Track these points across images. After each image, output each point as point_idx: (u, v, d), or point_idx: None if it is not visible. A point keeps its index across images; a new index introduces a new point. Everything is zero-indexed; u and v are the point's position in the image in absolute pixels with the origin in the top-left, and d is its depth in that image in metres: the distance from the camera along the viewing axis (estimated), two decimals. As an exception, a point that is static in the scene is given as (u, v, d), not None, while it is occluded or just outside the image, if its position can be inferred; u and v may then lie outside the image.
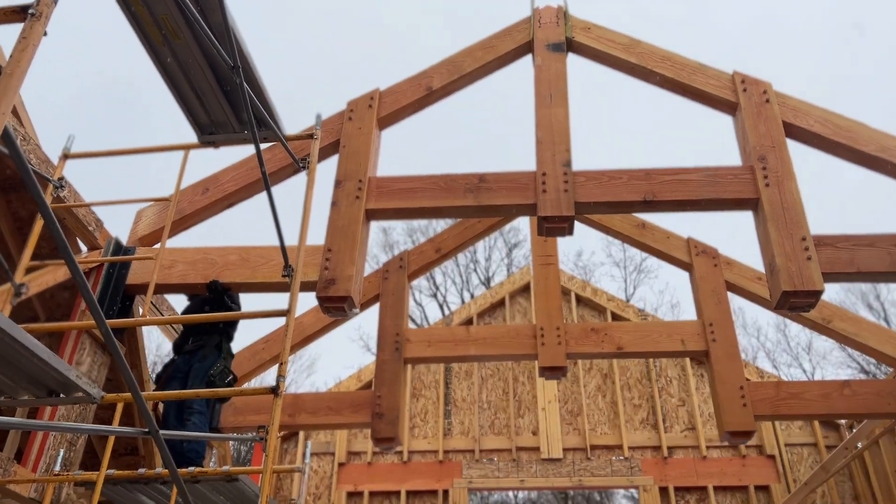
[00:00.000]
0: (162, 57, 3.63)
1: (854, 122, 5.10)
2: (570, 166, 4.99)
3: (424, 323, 25.96)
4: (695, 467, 8.59)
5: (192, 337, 5.25)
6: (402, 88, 5.50)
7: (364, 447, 8.97)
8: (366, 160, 5.03)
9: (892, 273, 4.66)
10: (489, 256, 27.92)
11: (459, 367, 9.73)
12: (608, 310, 9.83)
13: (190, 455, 4.80)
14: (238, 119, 4.08)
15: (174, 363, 5.19)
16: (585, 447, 8.86)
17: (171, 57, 3.58)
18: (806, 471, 8.43)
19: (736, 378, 5.80)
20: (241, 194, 5.22)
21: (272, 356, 6.51)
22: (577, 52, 5.66)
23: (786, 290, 4.37)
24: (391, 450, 6.51)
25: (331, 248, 4.63)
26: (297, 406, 6.30)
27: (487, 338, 6.37)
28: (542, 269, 6.84)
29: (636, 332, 6.31)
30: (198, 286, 5.05)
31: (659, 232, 6.96)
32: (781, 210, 4.63)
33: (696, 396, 9.11)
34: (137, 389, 2.19)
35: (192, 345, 5.19)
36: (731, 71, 5.36)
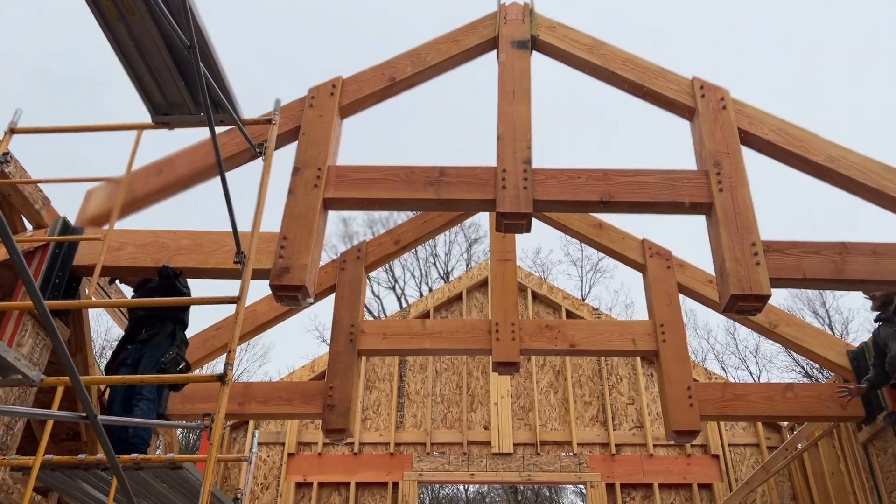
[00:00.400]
0: (117, 34, 3.53)
1: (806, 131, 5.24)
2: (530, 163, 5.01)
3: (382, 315, 25.88)
4: (641, 465, 8.74)
5: (145, 326, 5.11)
6: (365, 77, 5.46)
7: (315, 438, 8.91)
8: (325, 148, 4.98)
9: (835, 280, 4.81)
10: (449, 251, 27.95)
11: (414, 360, 9.72)
12: (563, 307, 9.93)
13: (135, 442, 4.70)
14: (195, 101, 3.99)
15: (126, 350, 5.06)
16: (536, 443, 8.95)
17: (127, 34, 3.48)
18: (748, 470, 8.65)
19: (684, 378, 5.92)
20: (196, 178, 5.11)
21: (223, 344, 6.41)
22: (542, 51, 5.69)
23: (734, 293, 4.47)
24: (342, 441, 6.47)
25: (286, 236, 4.57)
26: (248, 395, 6.23)
27: (443, 332, 6.39)
28: (500, 265, 6.88)
29: (589, 330, 6.40)
30: (148, 270, 4.94)
31: (615, 232, 7.06)
32: (733, 215, 4.73)
33: (646, 395, 9.27)
34: (75, 372, 2.13)
35: (145, 334, 5.06)
36: (691, 76, 5.45)
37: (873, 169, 5.14)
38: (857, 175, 5.09)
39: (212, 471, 3.06)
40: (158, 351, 4.94)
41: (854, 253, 4.84)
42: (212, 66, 3.59)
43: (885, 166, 5.16)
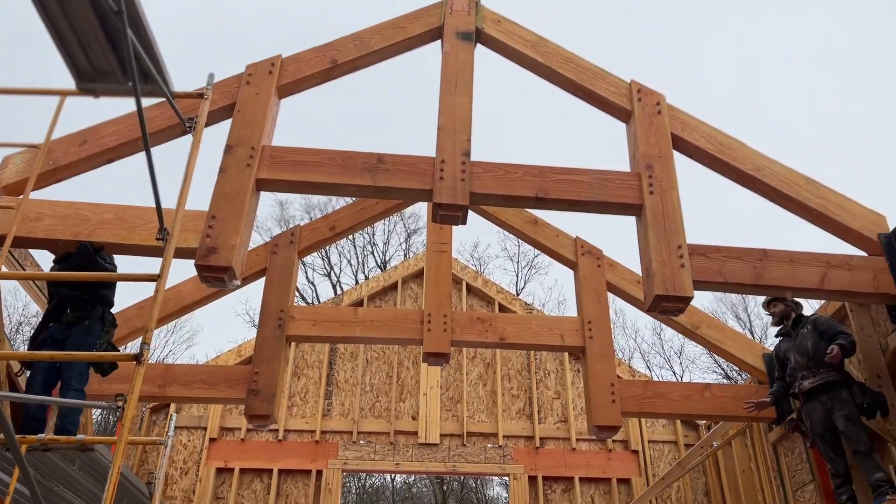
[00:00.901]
0: (40, -8, 3.34)
1: (735, 140, 5.41)
2: (468, 156, 5.02)
3: (315, 301, 25.59)
4: (564, 458, 8.92)
5: (70, 306, 4.82)
6: (306, 58, 5.35)
7: (238, 423, 8.74)
8: (261, 127, 4.86)
9: (755, 285, 4.99)
10: (388, 240, 27.83)
11: (345, 348, 9.65)
12: (497, 301, 10.01)
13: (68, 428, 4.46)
14: (123, 69, 3.82)
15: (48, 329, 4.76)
16: (462, 434, 9.01)
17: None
18: (665, 466, 8.93)
19: (608, 375, 6.05)
20: (122, 150, 4.92)
21: (144, 323, 6.19)
22: (486, 44, 5.70)
23: (658, 293, 4.58)
24: (265, 427, 6.35)
25: (215, 216, 4.45)
26: (169, 377, 6.06)
27: (375, 320, 6.34)
28: (436, 255, 6.88)
29: (519, 324, 6.46)
30: (67, 243, 4.72)
31: (550, 229, 7.15)
32: (662, 218, 4.85)
33: (571, 390, 9.45)
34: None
35: (71, 315, 4.76)
36: (629, 80, 5.55)
37: (796, 180, 5.35)
38: (781, 185, 5.30)
39: (122, 453, 2.95)
40: (89, 336, 4.68)
41: (773, 260, 5.03)
42: (142, 34, 3.44)
43: (807, 178, 5.38)
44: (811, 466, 6.17)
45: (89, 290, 4.81)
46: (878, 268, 5.13)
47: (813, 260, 5.09)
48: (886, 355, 5.38)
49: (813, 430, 5.42)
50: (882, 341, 5.46)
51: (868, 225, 5.29)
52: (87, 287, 4.77)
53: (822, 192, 5.34)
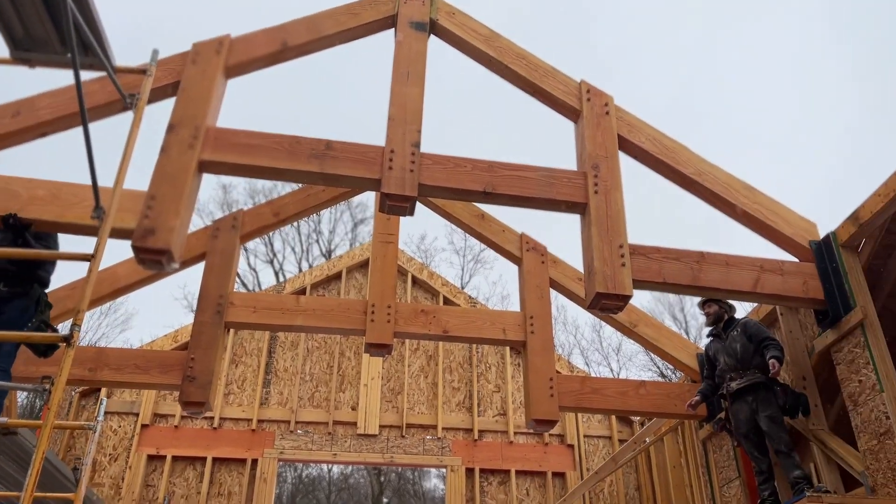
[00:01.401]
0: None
1: (678, 143, 5.54)
2: (418, 147, 5.00)
3: (257, 289, 25.15)
4: (501, 451, 9.02)
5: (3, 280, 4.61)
6: (255, 38, 5.23)
7: (172, 410, 8.54)
8: (205, 108, 4.73)
9: (692, 286, 5.13)
10: (333, 229, 27.54)
11: (286, 336, 9.53)
12: (441, 294, 10.04)
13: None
14: (61, 40, 3.67)
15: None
16: (402, 425, 9.02)
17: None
18: (599, 461, 9.13)
19: (547, 370, 6.13)
20: (58, 124, 4.72)
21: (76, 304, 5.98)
22: (439, 35, 5.68)
23: (599, 291, 4.67)
24: (200, 415, 6.23)
25: (154, 196, 4.31)
26: (101, 361, 5.87)
27: (317, 309, 6.27)
28: (382, 246, 6.84)
29: (463, 317, 6.49)
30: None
31: (496, 224, 7.19)
32: (605, 217, 4.93)
33: (511, 384, 9.55)
34: None
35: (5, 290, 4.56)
36: (580, 80, 5.62)
37: (735, 186, 5.52)
38: (721, 190, 5.46)
39: (47, 438, 2.85)
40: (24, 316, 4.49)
41: (710, 262, 5.18)
42: (83, 3, 3.31)
43: (746, 185, 5.55)
44: (737, 463, 6.40)
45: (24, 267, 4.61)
46: (808, 273, 5.34)
47: (747, 264, 5.26)
48: (812, 358, 5.60)
49: (738, 429, 5.62)
50: (808, 344, 5.69)
51: (800, 232, 5.49)
52: (23, 264, 4.57)
53: (759, 198, 5.52)
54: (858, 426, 4.89)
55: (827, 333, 5.27)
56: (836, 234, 5.32)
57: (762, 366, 5.52)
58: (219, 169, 4.75)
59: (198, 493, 8.26)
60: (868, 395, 4.80)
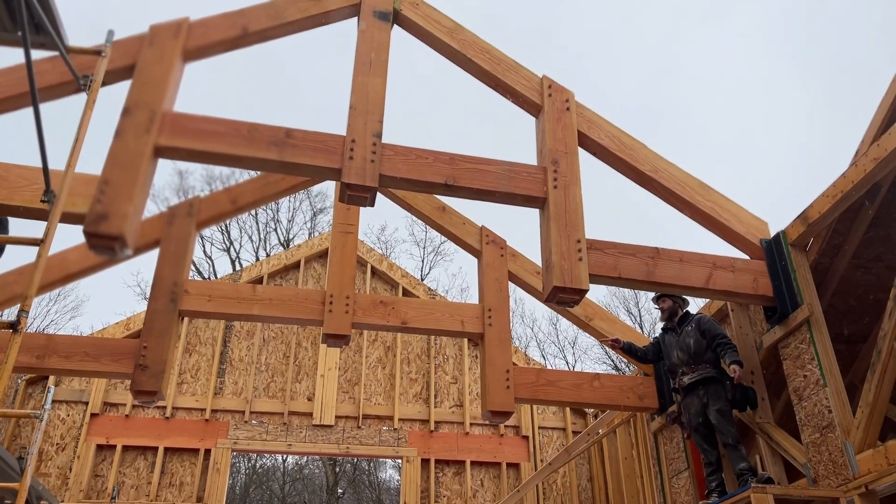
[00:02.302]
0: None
1: (637, 141, 5.62)
2: (380, 137, 4.98)
3: (213, 277, 24.77)
4: (457, 442, 9.08)
5: None
6: (215, 22, 5.13)
7: (123, 399, 8.37)
8: (162, 92, 4.62)
9: (646, 282, 5.23)
10: (292, 218, 27.27)
11: (241, 326, 9.41)
12: (401, 285, 10.03)
13: None
14: (12, 18, 3.56)
15: None
16: (358, 416, 9.00)
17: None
18: (553, 452, 9.26)
19: (504, 362, 6.18)
20: (6, 104, 4.56)
21: (24, 290, 5.81)
22: (402, 26, 5.66)
23: (556, 285, 4.72)
24: (152, 404, 6.11)
25: (107, 181, 4.20)
26: (49, 348, 5.72)
27: (274, 299, 6.20)
28: (342, 236, 6.79)
29: (422, 309, 6.49)
30: (-62, 200, 4.37)
31: (457, 217, 7.20)
32: (564, 212, 4.99)
33: (468, 376, 9.61)
34: None
35: None
36: (542, 75, 5.66)
37: (690, 184, 5.63)
38: (676, 188, 5.56)
39: (-9, 427, 2.77)
40: None
41: (665, 258, 5.29)
42: (35, -20, 3.21)
43: (701, 183, 5.67)
44: (687, 455, 6.56)
45: None
46: (759, 271, 5.49)
47: (700, 260, 5.38)
48: (760, 353, 5.77)
49: (690, 422, 5.76)
50: (757, 340, 5.85)
51: (752, 230, 5.64)
52: None
53: (713, 196, 5.65)
54: (802, 419, 5.06)
55: (775, 329, 5.43)
56: (786, 232, 5.47)
57: (714, 361, 5.67)
58: (175, 154, 4.65)
59: (148, 483, 8.13)
60: (812, 389, 4.96)
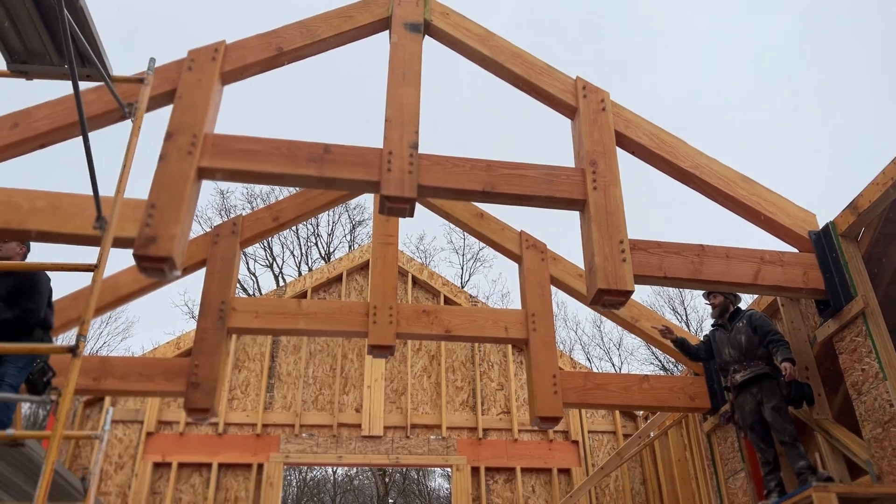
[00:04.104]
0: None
1: (676, 138, 5.55)
2: (416, 148, 5.01)
3: (258, 293, 25.16)
4: (506, 449, 9.03)
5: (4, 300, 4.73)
6: (250, 44, 5.24)
7: (177, 417, 8.54)
8: (203, 114, 4.74)
9: (692, 280, 5.14)
10: (332, 231, 27.54)
11: (288, 340, 9.53)
12: (442, 294, 10.05)
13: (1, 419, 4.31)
14: (58, 52, 3.68)
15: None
16: (406, 426, 9.03)
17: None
18: (604, 456, 9.14)
19: (550, 367, 6.15)
20: (56, 135, 4.73)
21: (79, 314, 5.99)
22: (434, 36, 5.69)
23: (601, 287, 4.68)
24: (205, 421, 6.25)
25: (154, 204, 4.32)
26: (105, 370, 5.88)
27: (319, 312, 6.28)
28: (382, 248, 6.85)
29: (465, 316, 6.50)
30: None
31: (495, 223, 7.20)
32: (605, 213, 4.95)
33: (514, 382, 9.57)
34: None
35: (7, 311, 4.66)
36: (575, 76, 5.63)
37: (733, 178, 5.53)
38: (718, 183, 5.47)
39: (55, 448, 2.85)
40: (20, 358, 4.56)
41: (710, 255, 5.20)
42: (79, 15, 3.32)
43: (744, 177, 5.57)
44: (742, 455, 6.41)
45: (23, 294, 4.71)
46: (808, 264, 5.35)
47: (748, 256, 5.27)
48: (814, 348, 5.62)
49: (744, 421, 5.63)
50: (810, 334, 5.70)
51: (799, 223, 5.51)
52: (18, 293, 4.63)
53: (757, 190, 5.54)
54: (862, 415, 4.91)
55: (828, 323, 5.29)
56: (836, 223, 5.33)
57: (766, 357, 5.54)
58: (218, 175, 4.76)
59: (204, 499, 8.27)
60: (871, 383, 4.81)
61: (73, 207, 4.59)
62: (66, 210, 4.57)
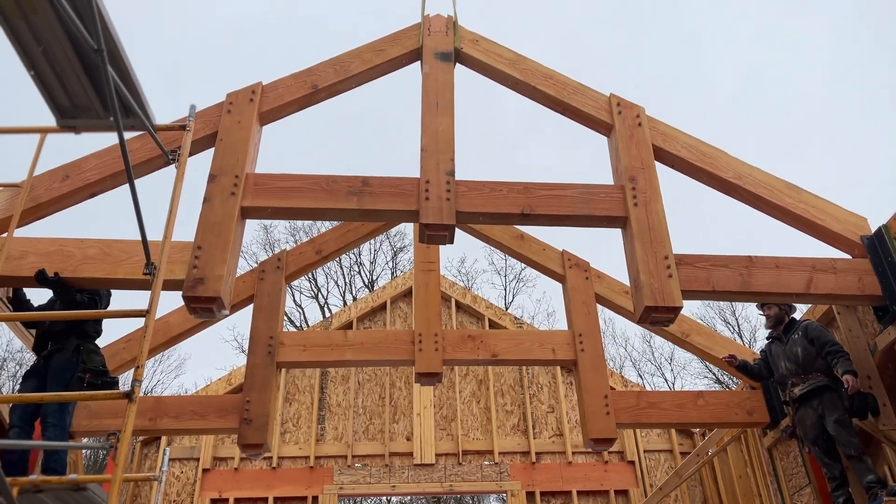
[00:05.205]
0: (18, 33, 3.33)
1: (716, 149, 5.47)
2: (453, 175, 5.03)
3: (304, 325, 25.42)
4: (560, 472, 8.88)
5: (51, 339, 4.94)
6: (286, 84, 5.36)
7: (231, 452, 8.64)
8: (244, 155, 4.85)
9: (742, 293, 5.02)
10: (374, 259, 27.76)
11: (336, 371, 9.59)
12: (486, 317, 10.01)
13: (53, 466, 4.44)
14: (103, 104, 3.81)
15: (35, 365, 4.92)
16: (458, 452, 8.96)
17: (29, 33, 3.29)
18: (662, 475, 8.92)
19: (601, 387, 6.05)
20: (105, 183, 4.90)
21: (133, 356, 6.14)
22: (465, 64, 5.74)
23: (648, 305, 4.60)
24: (259, 456, 6.30)
25: (201, 246, 4.42)
26: (159, 410, 5.99)
27: (365, 343, 6.31)
28: (424, 275, 6.86)
29: (511, 340, 6.45)
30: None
31: (536, 244, 7.16)
32: (647, 229, 4.88)
33: (565, 403, 9.43)
34: (-38, 394, 1.98)
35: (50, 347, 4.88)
36: (609, 93, 5.60)
37: (777, 186, 5.41)
38: (763, 192, 5.35)
39: (117, 492, 2.91)
40: (63, 372, 4.74)
41: (759, 266, 5.07)
42: (122, 68, 3.44)
43: (788, 184, 5.44)
44: (807, 470, 6.19)
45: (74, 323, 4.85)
46: (863, 270, 5.18)
47: (798, 265, 5.13)
48: (875, 356, 5.42)
49: (806, 436, 5.45)
50: (870, 342, 5.50)
51: (850, 228, 5.35)
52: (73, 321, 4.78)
53: (803, 196, 5.40)
54: (932, 424, 4.70)
55: (889, 329, 5.10)
56: (888, 226, 5.16)
57: (825, 368, 5.36)
58: (261, 214, 4.85)
59: (262, 533, 8.31)
60: (939, 390, 4.61)
61: (122, 253, 4.74)
62: (116, 256, 4.71)
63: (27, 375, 4.90)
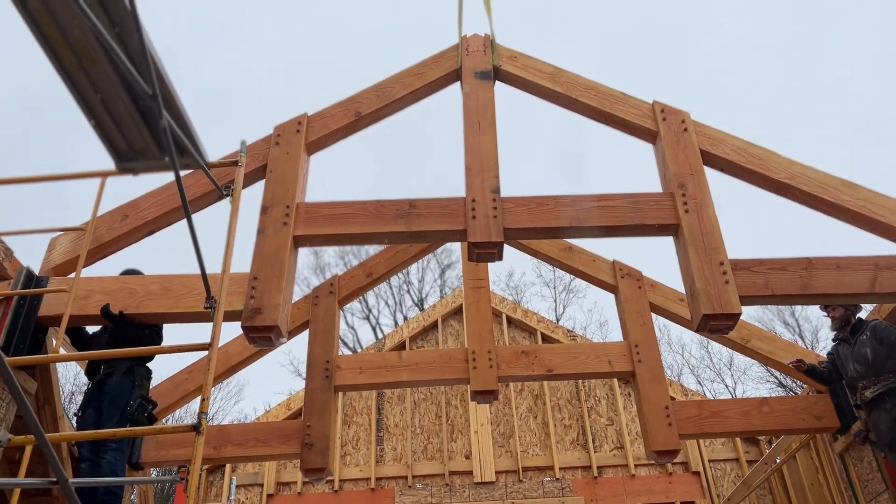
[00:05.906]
0: (78, 83, 3.49)
1: (766, 150, 5.35)
2: (498, 192, 5.04)
3: (357, 346, 25.66)
4: (624, 486, 8.73)
5: (102, 364, 5.10)
6: (330, 113, 5.47)
7: (294, 477, 8.75)
8: (294, 185, 4.96)
9: (803, 296, 4.88)
10: (422, 278, 27.91)
11: (392, 392, 9.64)
12: (538, 331, 9.95)
13: (107, 498, 4.57)
14: (158, 145, 3.94)
15: (89, 391, 5.05)
16: (517, 469, 8.89)
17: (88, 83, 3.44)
18: (729, 486, 8.69)
19: (661, 398, 5.95)
20: (162, 221, 5.06)
21: (196, 387, 6.29)
22: (504, 81, 5.76)
23: (706, 313, 4.51)
24: (321, 480, 6.36)
25: (257, 276, 4.52)
26: (223, 438, 6.11)
27: (419, 363, 6.34)
28: (474, 292, 6.87)
29: (565, 353, 6.40)
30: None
31: (585, 255, 7.11)
32: (700, 235, 4.80)
33: (624, 415, 9.29)
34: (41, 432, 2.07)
35: (102, 373, 5.05)
36: (651, 100, 5.55)
37: (833, 185, 5.26)
38: (818, 191, 5.21)
39: (189, 523, 2.98)
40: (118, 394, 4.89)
41: (819, 268, 4.93)
42: (175, 111, 3.56)
43: (845, 181, 5.28)
44: (884, 476, 5.95)
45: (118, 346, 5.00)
46: (930, 264, 4.99)
47: (860, 264, 4.96)
48: (949, 353, 5.20)
49: (881, 440, 5.25)
50: (943, 339, 5.28)
51: (913, 222, 5.16)
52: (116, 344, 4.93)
53: (861, 193, 5.24)
54: None
55: (962, 326, 4.89)
56: (955, 218, 4.97)
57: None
58: (313, 242, 4.94)
59: (327, 557, 8.38)
60: None
61: (182, 287, 4.87)
62: (176, 291, 4.85)
63: (84, 405, 5.01)
